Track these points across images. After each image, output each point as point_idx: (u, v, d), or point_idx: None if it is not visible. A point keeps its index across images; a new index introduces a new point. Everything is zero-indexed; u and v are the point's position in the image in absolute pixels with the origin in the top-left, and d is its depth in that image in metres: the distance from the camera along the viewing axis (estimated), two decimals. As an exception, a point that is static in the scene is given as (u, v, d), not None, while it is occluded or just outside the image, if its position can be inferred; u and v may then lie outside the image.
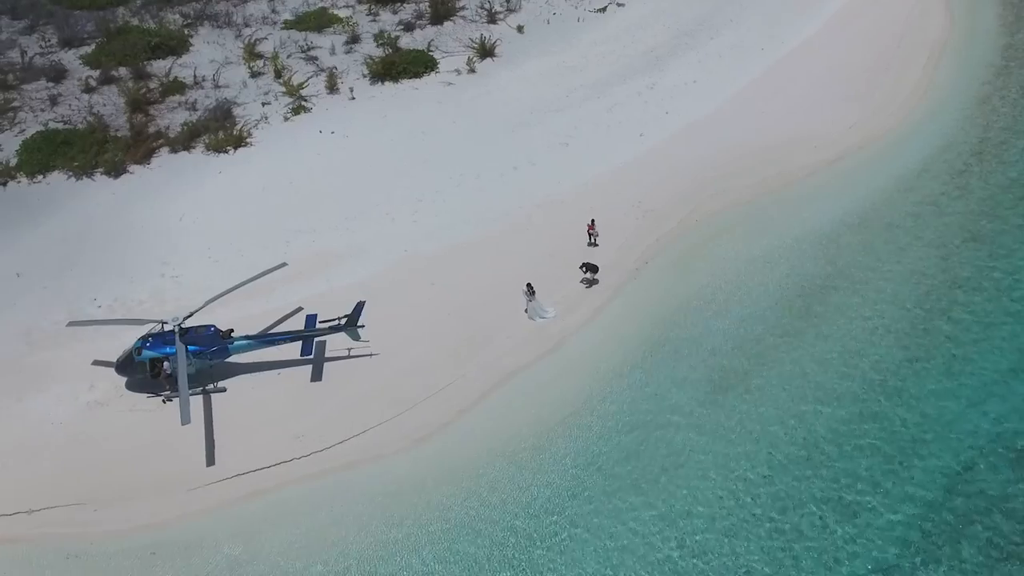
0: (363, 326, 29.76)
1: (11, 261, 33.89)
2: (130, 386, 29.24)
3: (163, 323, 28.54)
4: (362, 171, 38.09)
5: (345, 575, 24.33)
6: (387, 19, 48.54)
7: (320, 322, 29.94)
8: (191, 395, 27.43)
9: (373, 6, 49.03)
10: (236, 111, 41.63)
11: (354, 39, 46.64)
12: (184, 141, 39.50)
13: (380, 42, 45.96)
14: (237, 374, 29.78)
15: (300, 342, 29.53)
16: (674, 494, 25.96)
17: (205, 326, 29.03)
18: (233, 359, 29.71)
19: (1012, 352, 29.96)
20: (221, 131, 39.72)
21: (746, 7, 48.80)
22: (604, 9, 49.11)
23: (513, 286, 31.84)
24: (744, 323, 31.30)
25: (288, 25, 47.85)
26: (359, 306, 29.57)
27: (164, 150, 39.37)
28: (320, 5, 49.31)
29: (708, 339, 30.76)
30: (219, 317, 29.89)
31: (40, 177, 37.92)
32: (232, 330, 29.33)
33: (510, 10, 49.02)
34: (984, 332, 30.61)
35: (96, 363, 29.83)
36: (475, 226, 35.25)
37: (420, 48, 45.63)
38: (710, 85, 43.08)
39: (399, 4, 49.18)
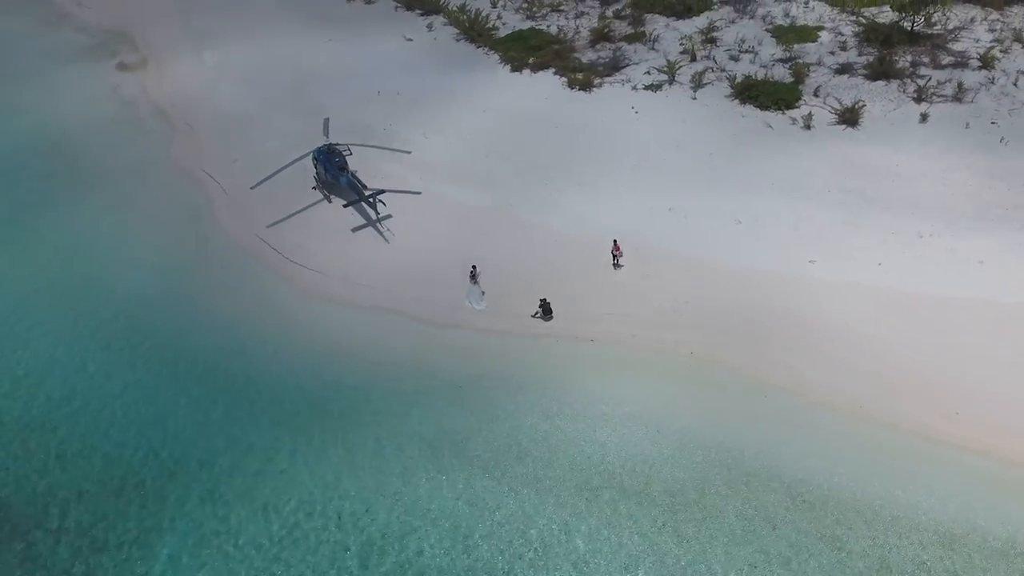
0: (390, 216, 33.52)
1: (395, 86, 43.80)
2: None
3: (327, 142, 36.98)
4: (605, 144, 36.69)
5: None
6: (846, 56, 40.15)
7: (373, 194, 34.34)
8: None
9: (853, 41, 40.79)
10: (626, 69, 42.54)
11: (787, 59, 40.58)
12: (562, 70, 43.02)
13: (791, 70, 39.23)
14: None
15: (356, 197, 34.68)
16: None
17: (341, 156, 36.22)
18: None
19: None
20: (583, 73, 41.89)
21: None
22: (1057, 146, 31.60)
23: (520, 279, 30.36)
24: (527, 442, 24.42)
25: (773, 30, 43.51)
26: (375, 194, 33.61)
27: (551, 70, 43.67)
28: (818, 24, 43.13)
29: (486, 429, 25.19)
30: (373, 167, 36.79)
31: (489, 53, 46.66)
32: (345, 168, 35.88)
33: (956, 99, 35.32)
34: None
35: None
36: (575, 225, 32.43)
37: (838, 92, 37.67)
38: (990, 276, 26.69)
39: (882, 49, 39.64)
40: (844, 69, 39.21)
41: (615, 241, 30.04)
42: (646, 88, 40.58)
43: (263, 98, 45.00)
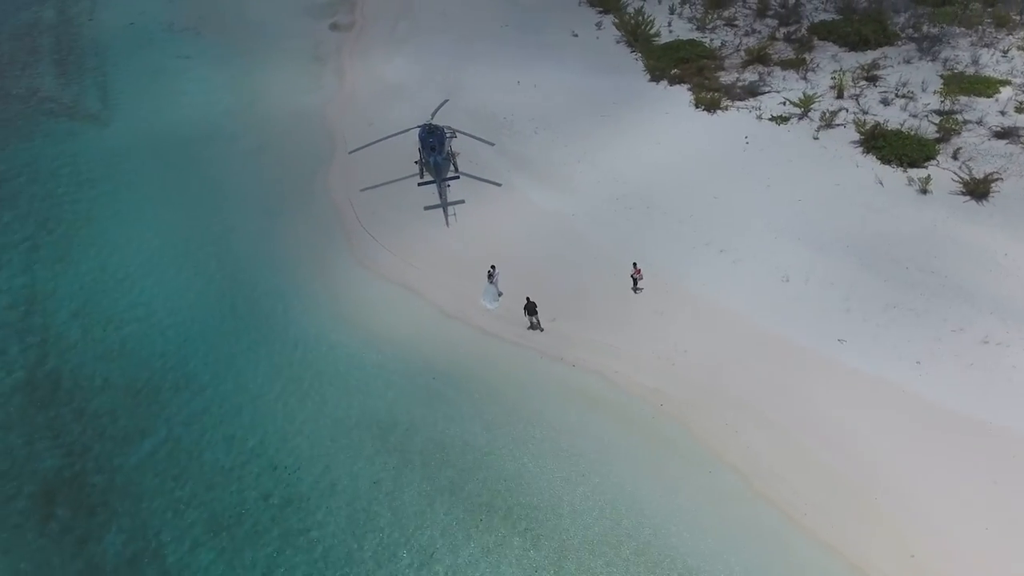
0: (463, 201, 33.31)
1: (536, 79, 43.14)
2: (423, 148, 39.35)
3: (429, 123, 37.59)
4: (696, 171, 33.91)
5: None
6: (1016, 119, 33.37)
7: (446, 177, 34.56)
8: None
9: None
10: (767, 96, 38.49)
11: (944, 112, 34.42)
12: (696, 87, 39.87)
13: (939, 124, 33.21)
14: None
15: (439, 177, 35.00)
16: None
17: (439, 136, 36.60)
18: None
19: None
20: (713, 93, 38.60)
21: None
22: None
23: (543, 288, 29.35)
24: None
25: (946, 77, 37.03)
26: (448, 178, 34.40)
27: (686, 85, 40.62)
28: (1005, 78, 36.11)
29: (432, 426, 24.90)
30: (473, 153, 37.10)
31: (639, 59, 44.21)
32: (435, 149, 36.25)
33: None
34: None
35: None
36: (620, 245, 30.52)
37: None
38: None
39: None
40: (1005, 133, 32.59)
41: (635, 264, 28.01)
42: (772, 119, 36.56)
43: (421, 71, 46.64)
